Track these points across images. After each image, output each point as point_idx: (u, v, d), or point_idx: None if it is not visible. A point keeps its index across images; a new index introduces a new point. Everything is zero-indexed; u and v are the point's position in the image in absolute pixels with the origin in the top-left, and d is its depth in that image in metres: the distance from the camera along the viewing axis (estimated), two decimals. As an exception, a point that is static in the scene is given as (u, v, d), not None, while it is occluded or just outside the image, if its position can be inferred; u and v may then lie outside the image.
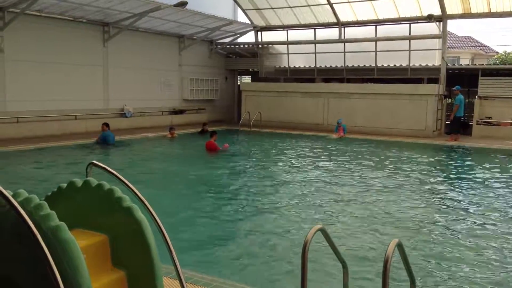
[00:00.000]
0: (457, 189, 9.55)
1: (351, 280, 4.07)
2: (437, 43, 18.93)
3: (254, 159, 12.83)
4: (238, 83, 25.59)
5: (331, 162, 12.43)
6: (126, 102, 18.84)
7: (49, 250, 2.35)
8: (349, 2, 19.77)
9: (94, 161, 3.60)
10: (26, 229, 2.34)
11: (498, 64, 29.97)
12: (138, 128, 18.39)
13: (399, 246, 3.26)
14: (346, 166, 11.89)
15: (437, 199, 8.56)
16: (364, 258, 5.42)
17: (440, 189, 9.47)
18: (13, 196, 2.55)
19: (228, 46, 23.61)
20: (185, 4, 16.88)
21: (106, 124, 14.53)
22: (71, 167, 10.91)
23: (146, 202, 3.31)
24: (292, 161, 12.63)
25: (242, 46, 23.72)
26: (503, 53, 37.61)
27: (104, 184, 3.20)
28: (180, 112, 21.48)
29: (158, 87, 20.58)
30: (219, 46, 23.46)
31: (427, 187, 9.62)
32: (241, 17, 24.14)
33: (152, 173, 10.84)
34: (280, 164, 12.30)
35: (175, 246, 3.28)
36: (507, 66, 21.78)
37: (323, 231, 3.39)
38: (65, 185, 3.25)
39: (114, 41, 18.03)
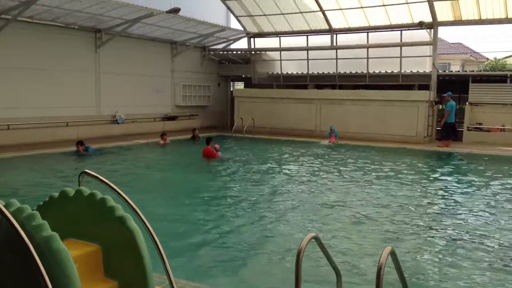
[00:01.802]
0: (448, 195, 9.60)
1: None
2: (428, 49, 19.10)
3: (247, 166, 12.82)
4: (231, 89, 25.61)
5: (324, 169, 12.45)
6: (118, 109, 18.78)
7: (41, 260, 2.33)
8: (341, 9, 19.90)
9: (86, 170, 3.58)
10: (18, 239, 2.33)
11: (488, 71, 30.24)
12: (130, 134, 18.33)
13: (392, 253, 3.27)
14: (339, 172, 11.92)
15: (429, 205, 8.60)
16: (358, 266, 5.43)
17: (432, 195, 9.52)
18: (5, 206, 2.53)
19: (221, 53, 23.65)
20: (177, 10, 16.90)
21: (80, 143, 13.59)
22: (60, 174, 10.84)
23: (139, 211, 3.30)
24: (286, 168, 12.64)
25: (235, 52, 23.76)
26: (493, 60, 38.02)
27: (96, 193, 3.19)
28: (173, 118, 21.44)
29: (150, 93, 20.53)
30: (211, 52, 23.49)
31: (419, 193, 9.67)
32: (234, 24, 24.27)
33: (143, 180, 10.80)
34: (273, 170, 12.30)
35: (168, 255, 3.27)
36: (497, 73, 21.98)
37: (317, 239, 3.39)
38: (57, 194, 3.23)
39: (106, 47, 17.98)
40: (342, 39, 20.96)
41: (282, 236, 6.61)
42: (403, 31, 19.27)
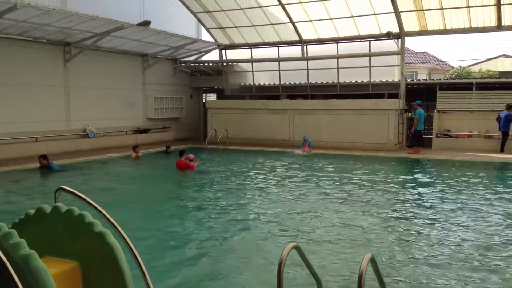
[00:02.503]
0: (420, 200, 9.79)
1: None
2: (396, 59, 19.57)
3: (222, 177, 12.79)
4: (204, 101, 25.58)
5: (298, 178, 12.52)
6: (88, 123, 18.49)
7: (20, 280, 2.26)
8: (311, 21, 20.20)
9: (63, 186, 3.51)
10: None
11: (454, 79, 31.15)
12: (101, 148, 18.05)
13: (372, 260, 3.32)
14: (313, 181, 12.01)
15: (403, 211, 8.75)
16: (339, 273, 5.46)
17: (406, 200, 9.69)
18: (-20, 225, 2.46)
19: (193, 64, 23.63)
20: (148, 23, 16.86)
21: (44, 157, 13.08)
22: (33, 192, 10.58)
23: (118, 226, 3.25)
24: (260, 178, 12.66)
25: (206, 64, 23.78)
26: (458, 68, 39.20)
27: (74, 209, 3.12)
28: (145, 131, 21.24)
29: (121, 106, 20.31)
30: (183, 64, 23.45)
31: (392, 199, 9.82)
32: (205, 36, 24.30)
33: (118, 195, 10.63)
34: (248, 181, 12.30)
35: (149, 271, 3.22)
36: (463, 81, 22.67)
37: (297, 248, 3.41)
38: (33, 211, 3.15)
39: (76, 61, 17.72)
40: (313, 50, 21.26)
41: (261, 246, 6.60)
42: (371, 42, 19.71)
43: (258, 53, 22.66)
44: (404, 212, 8.74)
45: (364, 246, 6.55)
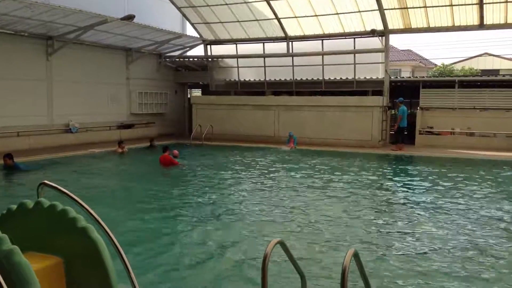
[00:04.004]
0: (403, 194, 9.92)
1: (309, 291, 4.13)
2: (380, 56, 19.71)
3: (207, 173, 12.77)
4: (188, 96, 25.46)
5: (283, 174, 12.57)
6: (71, 117, 18.27)
7: (2, 276, 2.25)
8: (296, 17, 20.23)
9: (46, 181, 3.47)
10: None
11: (437, 76, 31.51)
12: (84, 143, 17.87)
13: (355, 255, 3.36)
14: (297, 177, 12.07)
15: (386, 206, 8.85)
16: (322, 268, 5.51)
17: (389, 196, 9.80)
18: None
19: (177, 60, 23.49)
20: (132, 17, 16.69)
21: (9, 157, 12.12)
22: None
23: (102, 222, 3.23)
24: (245, 174, 12.67)
25: (191, 59, 23.67)
26: (441, 66, 39.63)
27: (57, 205, 3.09)
28: (129, 126, 21.08)
29: (105, 101, 20.12)
30: (168, 59, 23.30)
31: (375, 194, 9.93)
32: (190, 31, 24.16)
33: (102, 191, 10.54)
34: (233, 177, 12.30)
35: (132, 266, 3.21)
36: (446, 78, 22.97)
37: (282, 244, 3.43)
38: (15, 206, 3.11)
39: (59, 54, 17.49)
40: (298, 46, 21.31)
41: (245, 242, 6.62)
42: (356, 39, 19.82)
43: (244, 48, 22.62)
44: (386, 207, 8.84)
45: (347, 241, 6.61)
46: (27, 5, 13.70)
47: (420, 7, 17.88)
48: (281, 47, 21.51)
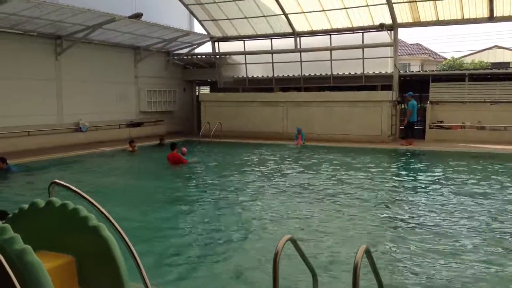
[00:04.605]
0: (416, 191, 9.85)
1: None
2: (389, 51, 19.57)
3: (217, 170, 12.78)
4: (197, 94, 25.49)
5: (293, 170, 12.54)
6: (81, 116, 18.37)
7: (15, 275, 2.25)
8: (303, 12, 20.14)
9: (57, 180, 3.49)
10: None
11: (446, 70, 31.23)
12: (94, 142, 17.95)
13: (367, 252, 3.33)
14: (308, 173, 12.03)
15: (400, 202, 8.79)
16: (334, 265, 5.49)
17: (402, 192, 9.74)
18: (-27, 220, 2.44)
19: (185, 57, 23.51)
20: (140, 15, 16.69)
21: (2, 160, 11.84)
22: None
23: (113, 220, 3.24)
24: (255, 171, 12.66)
25: (199, 56, 23.67)
26: (451, 59, 39.28)
27: (68, 204, 3.11)
28: (138, 124, 21.15)
29: (114, 99, 20.19)
30: (176, 57, 23.32)
31: (389, 190, 9.87)
32: (198, 28, 24.17)
33: (114, 189, 10.58)
34: (243, 174, 12.29)
35: (144, 264, 3.22)
36: (456, 72, 22.72)
37: (292, 240, 3.42)
38: (27, 206, 3.13)
39: (68, 54, 17.58)
40: (306, 42, 21.22)
41: (257, 238, 6.62)
42: (364, 33, 19.68)
43: (251, 45, 22.57)
44: (399, 203, 8.78)
45: (359, 238, 6.58)
46: (35, 4, 13.77)
47: (429, 0, 17.72)
48: (289, 43, 21.44)
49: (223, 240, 6.55)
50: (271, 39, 21.86)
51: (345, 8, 19.21)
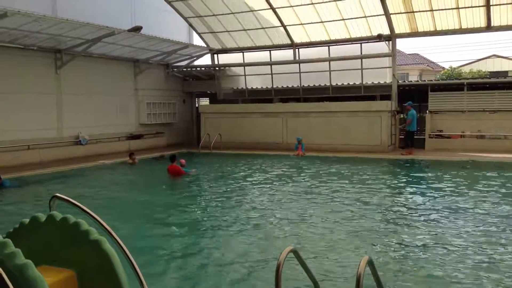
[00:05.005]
0: (418, 201, 9.82)
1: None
2: (387, 61, 19.67)
3: (218, 181, 12.76)
4: (196, 106, 25.54)
5: (294, 181, 12.52)
6: (81, 129, 18.38)
7: (16, 291, 2.24)
8: (302, 24, 20.27)
9: (57, 194, 3.49)
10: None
11: (445, 79, 31.32)
12: (95, 155, 17.94)
13: (370, 263, 3.32)
14: (309, 184, 12.01)
15: (401, 213, 8.77)
16: (337, 276, 5.46)
17: (403, 202, 9.72)
18: (-26, 235, 2.43)
19: (185, 69, 23.60)
20: (139, 29, 16.79)
21: None
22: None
23: (114, 234, 3.23)
24: (255, 182, 12.64)
25: (198, 68, 23.76)
26: (449, 69, 39.44)
27: (69, 218, 3.10)
28: (138, 137, 21.16)
29: (114, 112, 20.22)
30: (175, 69, 23.41)
31: (389, 200, 9.85)
32: (197, 40, 24.30)
33: (114, 202, 10.56)
34: (244, 185, 12.28)
35: (146, 278, 3.20)
36: (455, 81, 22.81)
37: (295, 252, 3.40)
38: (27, 220, 3.12)
39: (67, 67, 17.64)
40: (305, 53, 21.33)
41: (259, 250, 6.59)
42: (363, 44, 19.79)
43: (250, 57, 22.67)
44: (401, 214, 8.75)
45: (362, 248, 6.55)
46: (35, 19, 13.85)
47: (426, 11, 17.84)
48: (287, 54, 21.55)
49: (224, 251, 6.52)
50: (270, 50, 21.97)
51: (343, 20, 19.33)
